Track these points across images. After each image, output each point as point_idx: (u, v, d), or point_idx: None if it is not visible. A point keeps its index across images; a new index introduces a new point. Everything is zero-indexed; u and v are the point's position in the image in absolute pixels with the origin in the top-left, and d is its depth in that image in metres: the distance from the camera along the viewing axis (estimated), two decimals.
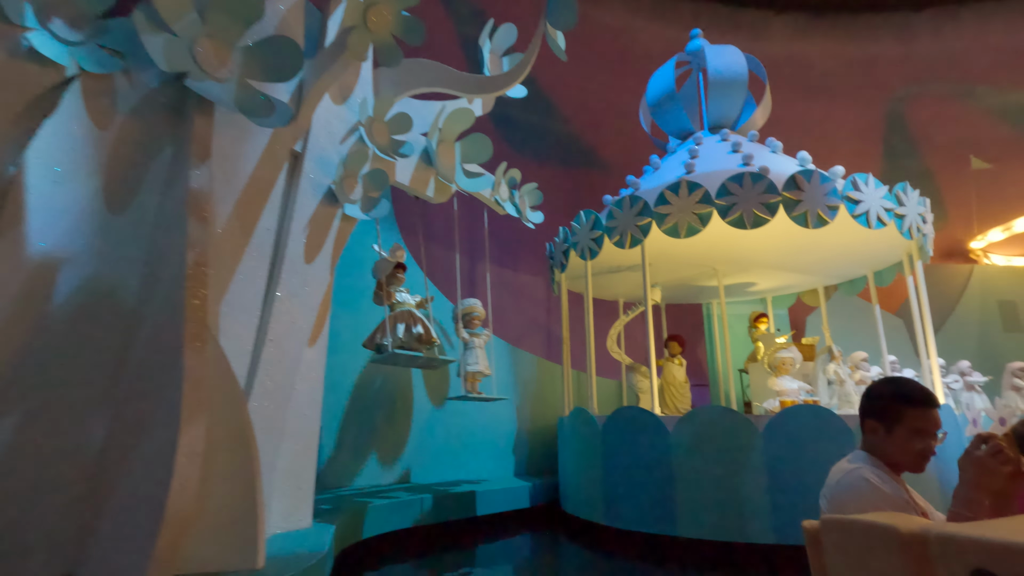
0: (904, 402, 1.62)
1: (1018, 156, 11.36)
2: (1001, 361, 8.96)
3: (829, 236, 5.16)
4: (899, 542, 1.06)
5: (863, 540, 1.17)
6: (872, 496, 1.50)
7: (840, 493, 1.58)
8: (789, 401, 4.78)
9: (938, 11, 12.34)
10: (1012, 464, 1.41)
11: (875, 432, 1.66)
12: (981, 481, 1.44)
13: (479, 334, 5.12)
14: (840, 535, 1.24)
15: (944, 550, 0.99)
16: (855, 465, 1.62)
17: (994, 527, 1.07)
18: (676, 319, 8.96)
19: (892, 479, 1.59)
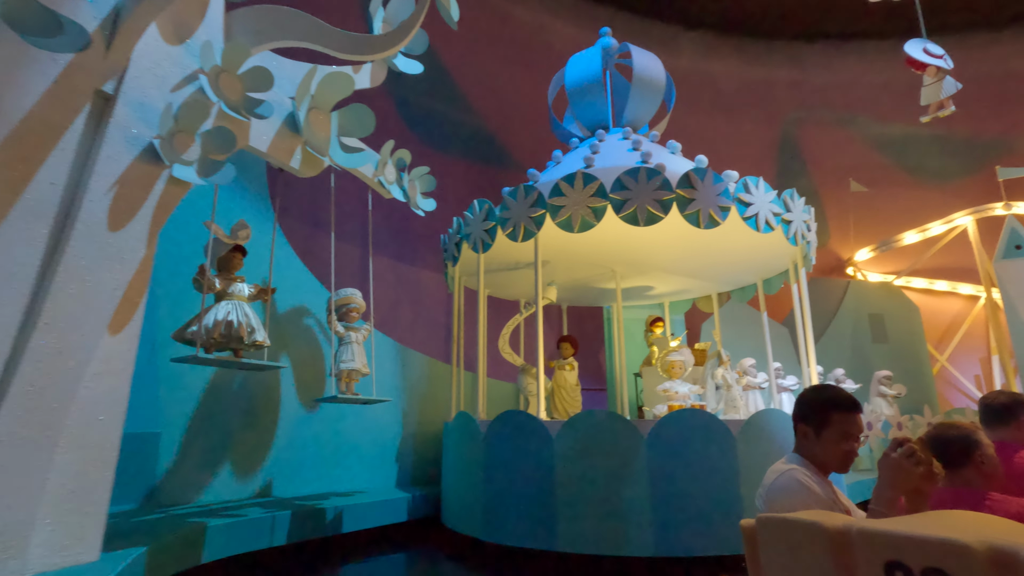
0: (832, 408, 1.75)
1: (890, 182, 12.42)
2: (870, 370, 9.66)
3: (721, 240, 5.14)
4: (825, 537, 1.14)
5: (793, 536, 1.24)
6: (803, 496, 1.60)
7: (774, 493, 1.68)
8: (678, 405, 4.66)
9: (828, 45, 13.29)
10: (924, 465, 1.53)
11: (806, 436, 1.78)
12: (897, 481, 1.54)
13: (357, 328, 4.59)
14: (773, 532, 1.30)
15: (863, 544, 1.07)
16: (788, 467, 1.74)
17: (905, 522, 1.17)
18: (578, 321, 8.84)
19: (821, 479, 1.70)
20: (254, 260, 4.68)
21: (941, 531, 1.02)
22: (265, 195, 5.76)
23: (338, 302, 4.51)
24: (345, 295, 4.55)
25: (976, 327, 11.45)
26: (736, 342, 8.16)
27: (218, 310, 3.74)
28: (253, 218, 5.22)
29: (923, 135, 12.53)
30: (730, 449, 3.89)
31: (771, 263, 5.95)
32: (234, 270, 4.02)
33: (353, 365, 4.37)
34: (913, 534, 1.03)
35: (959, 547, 0.95)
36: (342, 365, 4.35)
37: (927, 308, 11.30)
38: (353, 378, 4.47)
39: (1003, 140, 11.99)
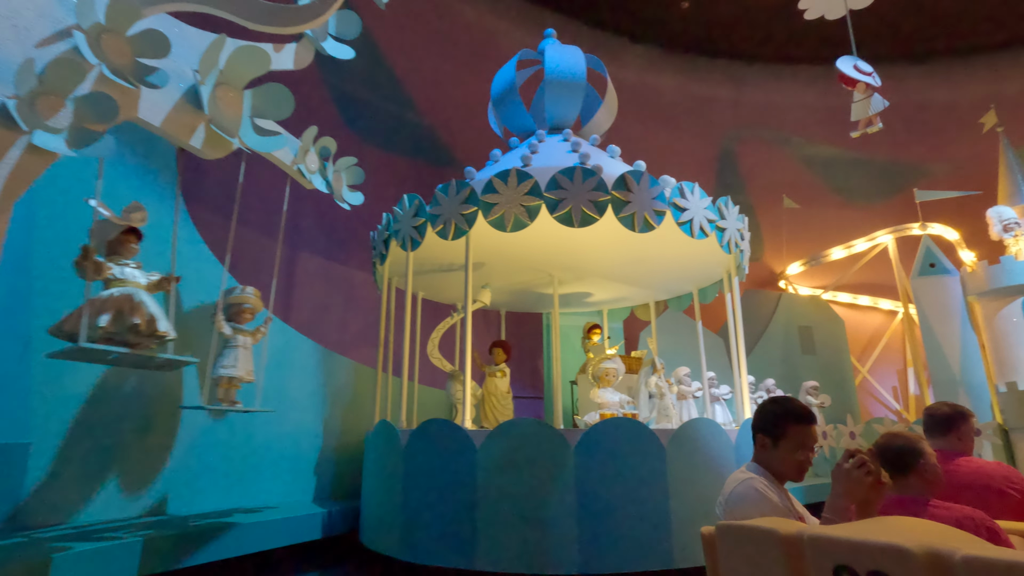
0: (790, 419, 1.83)
1: (819, 200, 12.98)
2: (799, 380, 9.96)
3: (657, 246, 5.07)
4: (779, 544, 1.19)
5: (750, 542, 1.29)
6: (760, 503, 1.66)
7: (733, 501, 1.73)
8: (609, 414, 4.52)
9: (765, 67, 13.80)
10: (873, 475, 1.61)
11: (764, 446, 1.86)
12: (847, 490, 1.61)
13: (247, 331, 4.17)
14: (732, 539, 1.35)
15: (813, 549, 1.12)
16: (747, 476, 1.80)
17: (852, 529, 1.21)
18: (517, 327, 8.66)
19: (777, 488, 1.76)
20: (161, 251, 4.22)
21: (884, 536, 1.07)
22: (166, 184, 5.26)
23: (229, 300, 4.09)
24: (238, 293, 4.14)
25: (895, 340, 12.08)
26: (673, 351, 8.19)
27: (105, 296, 3.26)
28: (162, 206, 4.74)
29: (849, 157, 13.20)
30: (660, 459, 3.76)
31: (706, 272, 5.95)
32: (127, 255, 3.55)
33: (234, 372, 3.94)
34: (858, 540, 1.09)
35: (900, 551, 1.00)
36: (221, 371, 3.91)
37: (851, 321, 11.82)
38: (234, 385, 4.04)
39: (920, 165, 12.77)
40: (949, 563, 0.96)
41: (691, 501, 3.79)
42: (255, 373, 4.15)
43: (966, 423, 2.54)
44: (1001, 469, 2.40)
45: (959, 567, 0.94)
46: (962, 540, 1.12)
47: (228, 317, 4.07)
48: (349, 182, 4.82)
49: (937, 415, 2.57)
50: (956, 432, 2.51)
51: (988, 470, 2.38)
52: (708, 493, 3.91)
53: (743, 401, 5.03)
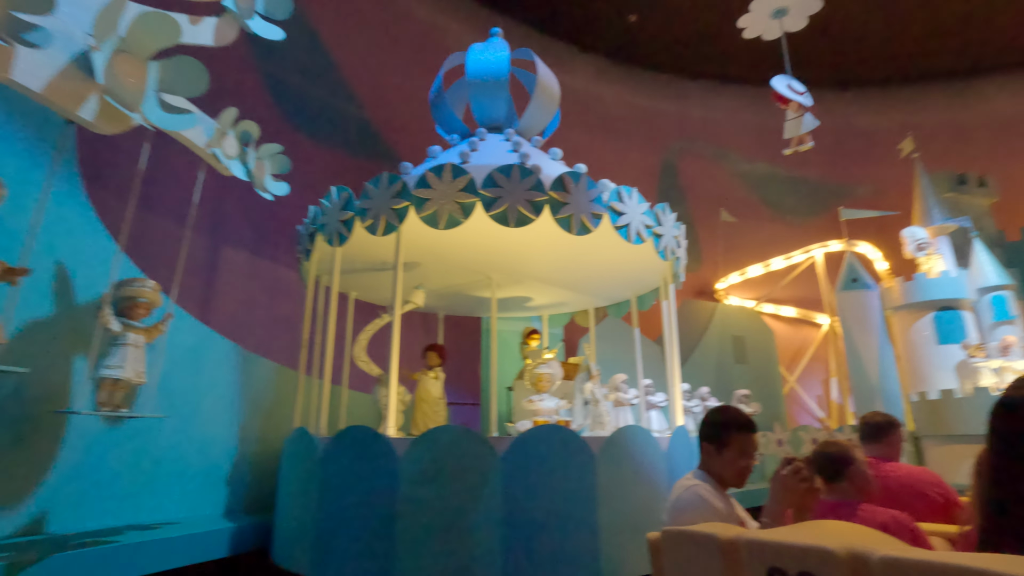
0: (733, 428, 1.91)
1: (754, 215, 13.49)
2: (731, 388, 10.22)
3: (596, 251, 5.01)
4: (718, 547, 1.25)
5: (691, 547, 1.35)
6: (703, 509, 1.72)
7: (679, 507, 1.79)
8: (542, 421, 4.39)
9: (707, 84, 14.27)
10: (808, 482, 1.68)
11: (709, 453, 1.93)
12: (784, 496, 1.68)
13: (139, 328, 3.77)
14: (675, 543, 1.40)
15: (748, 552, 1.19)
16: (693, 483, 1.85)
17: (784, 532, 1.29)
18: (456, 331, 8.45)
19: (720, 494, 1.83)
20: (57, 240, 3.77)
21: (811, 539, 1.12)
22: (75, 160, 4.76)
23: (121, 293, 3.68)
24: (132, 286, 3.73)
25: (820, 351, 12.64)
26: (612, 358, 8.21)
27: None
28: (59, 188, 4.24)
29: (782, 175, 13.81)
30: (590, 468, 3.65)
31: (644, 279, 5.96)
32: None
33: (119, 373, 3.53)
34: (788, 543, 1.14)
35: (824, 552, 1.06)
36: (104, 371, 3.50)
37: (780, 332, 12.29)
38: (120, 388, 3.63)
39: (845, 186, 13.51)
40: (868, 563, 1.02)
41: (621, 511, 3.70)
42: (150, 374, 3.75)
43: (896, 432, 2.72)
44: (925, 475, 2.53)
45: (876, 567, 1.00)
46: (881, 541, 1.18)
47: (119, 312, 3.65)
48: (273, 171, 4.50)
49: (872, 424, 2.72)
50: (888, 440, 2.67)
51: (914, 475, 2.52)
52: (639, 502, 3.84)
53: (676, 408, 5.02)
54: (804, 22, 7.59)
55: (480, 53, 5.62)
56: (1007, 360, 7.98)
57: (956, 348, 8.39)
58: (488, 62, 5.62)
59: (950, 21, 12.93)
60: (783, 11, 7.56)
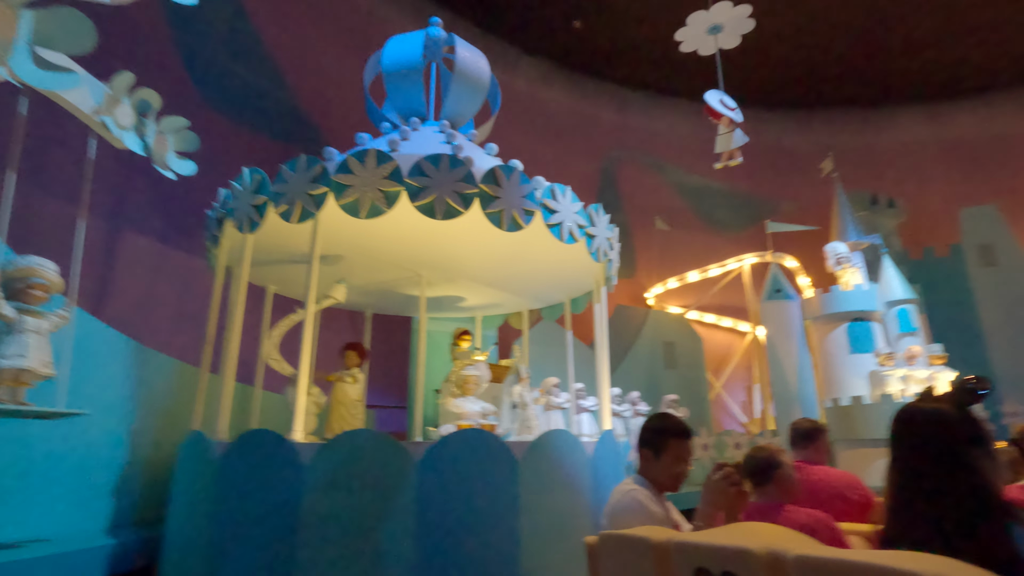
0: (670, 434, 1.97)
1: (688, 225, 13.90)
2: (661, 393, 10.42)
3: (529, 250, 4.88)
4: (650, 550, 1.29)
5: (626, 549, 1.36)
6: (640, 513, 1.78)
7: (616, 512, 1.86)
8: (466, 425, 4.19)
9: (648, 95, 14.59)
10: (738, 486, 1.77)
11: (647, 459, 1.98)
12: (715, 499, 1.74)
13: (41, 313, 3.32)
14: (611, 547, 1.42)
15: (678, 554, 1.23)
16: (631, 487, 1.91)
17: (711, 535, 1.39)
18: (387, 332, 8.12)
19: (657, 498, 1.89)
20: None
21: (734, 540, 1.17)
22: None
23: (10, 274, 3.21)
24: (23, 265, 3.26)
25: (745, 359, 13.13)
26: (545, 361, 8.12)
27: None
28: None
29: (715, 189, 14.31)
30: (512, 474, 3.48)
31: (577, 281, 5.88)
32: None
33: (22, 363, 3.09)
34: (713, 544, 1.18)
35: (744, 552, 1.10)
36: (3, 362, 3.06)
37: (708, 339, 12.67)
38: (24, 381, 3.19)
39: (773, 201, 14.16)
40: (783, 562, 1.06)
41: (544, 518, 3.55)
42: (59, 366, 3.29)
43: (822, 437, 2.86)
44: (846, 477, 2.69)
45: (791, 565, 1.05)
46: (797, 541, 1.25)
47: (10, 296, 3.16)
48: (178, 147, 4.09)
49: (800, 429, 2.86)
50: (815, 445, 2.82)
51: (836, 478, 2.67)
52: (562, 508, 3.71)
53: (605, 413, 4.96)
54: (737, 40, 7.83)
55: (397, 42, 5.39)
56: (911, 369, 8.51)
57: (867, 357, 8.88)
58: (402, 50, 5.39)
59: (868, 53, 13.84)
60: (718, 28, 7.77)
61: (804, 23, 12.95)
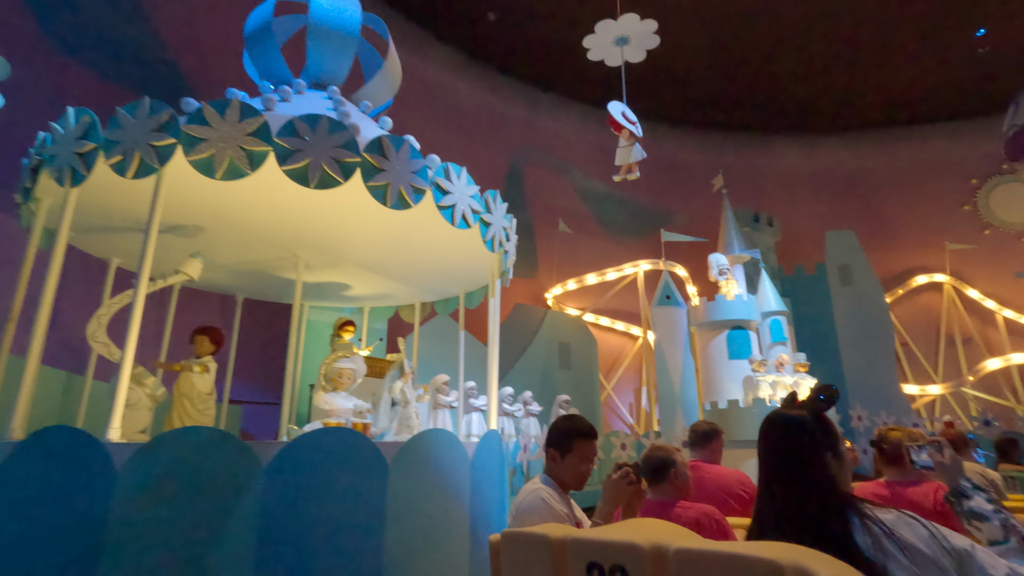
0: (576, 435, 2.08)
1: (588, 230, 14.15)
2: (554, 393, 10.44)
3: (420, 235, 4.52)
4: (548, 546, 1.32)
5: (526, 546, 1.38)
6: (544, 512, 1.88)
7: (522, 510, 1.94)
8: (335, 423, 3.74)
9: (557, 98, 14.70)
10: (635, 485, 1.90)
11: (554, 459, 2.09)
12: (613, 498, 1.88)
13: None
14: (513, 544, 1.44)
15: (572, 549, 1.27)
16: (536, 487, 2.01)
17: (604, 530, 1.42)
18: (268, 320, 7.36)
19: (562, 497, 2.01)
20: None
21: (624, 535, 1.24)
22: None
23: None
24: None
25: (635, 362, 13.58)
26: (439, 358, 7.77)
27: None
28: None
29: (615, 196, 14.72)
30: (380, 479, 3.10)
31: (472, 274, 5.60)
32: None
33: None
34: (603, 539, 1.26)
35: (632, 547, 1.18)
36: None
37: (602, 342, 12.96)
38: None
39: (667, 212, 14.81)
40: (666, 554, 1.12)
41: (414, 526, 3.20)
42: None
43: (718, 438, 3.08)
44: (737, 475, 2.86)
45: (672, 557, 1.11)
46: (682, 535, 1.30)
47: None
48: None
49: (699, 431, 3.05)
50: (711, 446, 3.03)
51: (727, 475, 2.83)
52: (436, 516, 3.39)
53: (492, 412, 4.71)
54: (642, 55, 7.97)
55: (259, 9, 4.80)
56: (779, 376, 9.15)
57: (743, 363, 9.43)
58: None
59: (758, 83, 14.93)
60: (625, 39, 7.87)
61: (705, 48, 13.69)
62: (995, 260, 15.01)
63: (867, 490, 2.37)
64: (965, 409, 13.64)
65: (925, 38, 13.14)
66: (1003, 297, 14.77)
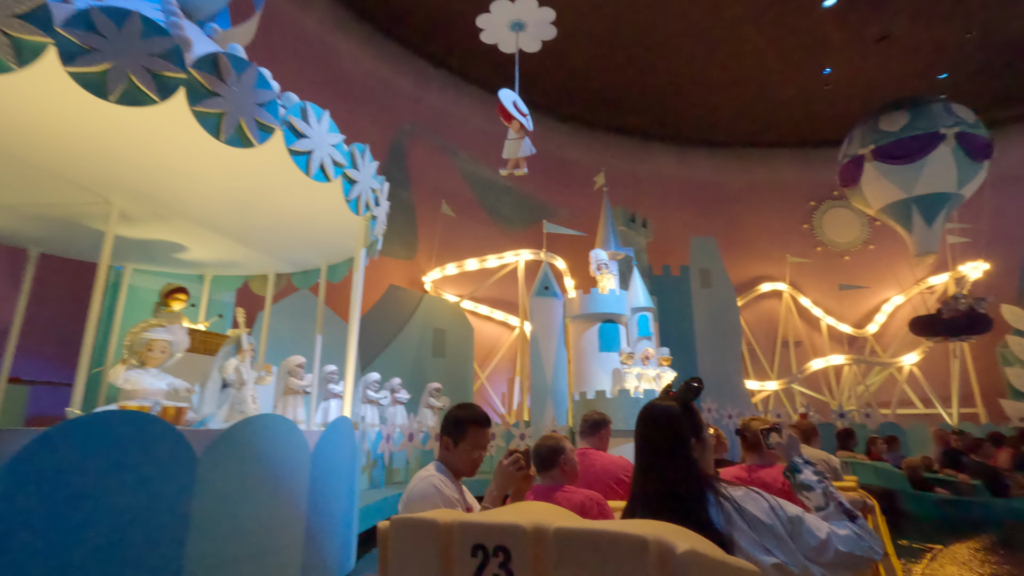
0: (470, 423, 2.11)
1: (471, 215, 13.82)
2: (426, 380, 9.98)
3: (271, 188, 3.83)
4: (436, 530, 1.32)
5: (414, 532, 1.38)
6: (435, 498, 1.89)
7: (412, 497, 1.93)
8: (135, 406, 2.98)
9: (449, 76, 14.14)
10: (524, 471, 1.95)
11: (447, 447, 2.12)
12: (503, 483, 1.92)
13: None
14: (401, 530, 1.42)
15: (459, 533, 1.28)
16: (429, 473, 2.01)
17: (489, 514, 1.44)
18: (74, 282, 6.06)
19: (454, 483, 2.03)
20: None
21: (508, 518, 1.26)
22: None
23: None
24: None
25: (510, 352, 13.52)
26: (297, 339, 6.95)
27: None
28: None
29: (501, 184, 14.54)
30: (184, 477, 2.46)
31: (336, 242, 4.97)
32: None
33: None
34: (489, 522, 1.26)
35: (515, 528, 1.20)
36: None
37: (479, 330, 12.72)
38: None
39: (551, 205, 14.93)
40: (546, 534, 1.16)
41: (228, 535, 2.60)
42: None
43: (607, 427, 3.21)
44: (621, 461, 2.98)
45: (551, 536, 1.16)
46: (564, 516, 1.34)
47: None
48: None
49: (589, 420, 3.19)
50: (599, 434, 3.17)
51: (612, 462, 2.96)
52: (261, 518, 2.80)
53: (347, 397, 4.16)
54: (538, 46, 7.72)
55: None
56: (644, 368, 9.53)
57: (613, 355, 9.68)
58: None
59: (643, 91, 15.57)
60: (520, 24, 7.57)
61: (599, 50, 13.94)
62: (824, 274, 17.14)
63: (731, 473, 2.66)
64: (793, 403, 15.40)
65: (787, 68, 14.53)
66: (827, 306, 16.91)
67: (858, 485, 3.21)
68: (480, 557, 1.22)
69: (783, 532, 1.31)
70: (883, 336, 16.52)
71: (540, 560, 1.16)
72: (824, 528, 1.34)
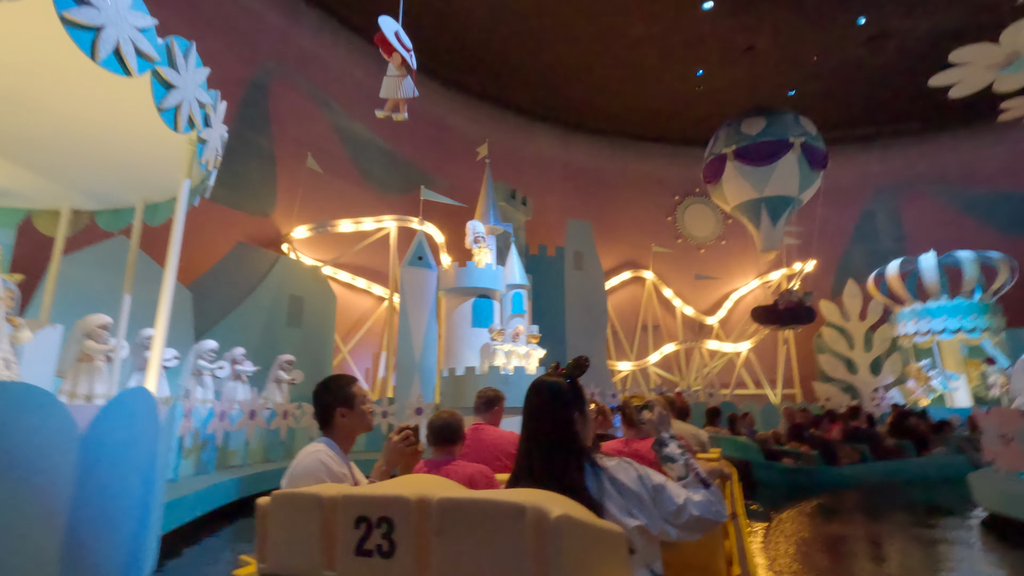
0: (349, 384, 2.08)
1: (343, 174, 12.65)
2: (277, 351, 8.91)
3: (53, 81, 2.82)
4: (318, 505, 1.31)
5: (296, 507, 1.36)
6: (321, 473, 1.86)
7: (296, 472, 1.89)
8: None
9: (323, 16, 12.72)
10: (414, 446, 2.01)
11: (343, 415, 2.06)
12: (391, 457, 1.97)
13: None
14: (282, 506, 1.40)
15: (343, 506, 1.28)
16: (316, 448, 1.95)
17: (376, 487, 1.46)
18: None
19: (343, 459, 1.99)
20: None
21: (393, 490, 1.28)
22: None
23: None
24: None
25: (377, 325, 12.70)
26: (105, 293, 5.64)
27: None
28: None
29: (377, 144, 13.50)
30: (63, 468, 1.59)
31: (156, 172, 3.94)
32: None
33: None
34: (373, 494, 1.28)
35: (399, 499, 1.23)
36: None
37: (343, 300, 11.74)
38: None
39: (430, 174, 14.20)
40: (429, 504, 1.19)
41: None
42: None
43: (500, 404, 3.34)
44: (512, 436, 3.01)
45: (435, 507, 1.18)
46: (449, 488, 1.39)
47: None
48: None
49: (484, 397, 3.32)
50: (493, 411, 3.28)
51: (503, 436, 3.07)
52: None
53: (153, 367, 3.29)
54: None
55: None
56: (515, 345, 9.36)
57: (484, 331, 9.38)
58: None
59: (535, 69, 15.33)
60: None
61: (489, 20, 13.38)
62: (683, 264, 18.45)
63: (612, 446, 2.79)
64: (648, 382, 16.43)
65: (665, 64, 15.14)
66: (684, 295, 18.25)
67: (720, 456, 3.44)
68: (363, 529, 1.23)
69: (647, 498, 1.44)
70: (728, 322, 18.21)
71: (423, 529, 1.18)
72: (682, 495, 1.46)
